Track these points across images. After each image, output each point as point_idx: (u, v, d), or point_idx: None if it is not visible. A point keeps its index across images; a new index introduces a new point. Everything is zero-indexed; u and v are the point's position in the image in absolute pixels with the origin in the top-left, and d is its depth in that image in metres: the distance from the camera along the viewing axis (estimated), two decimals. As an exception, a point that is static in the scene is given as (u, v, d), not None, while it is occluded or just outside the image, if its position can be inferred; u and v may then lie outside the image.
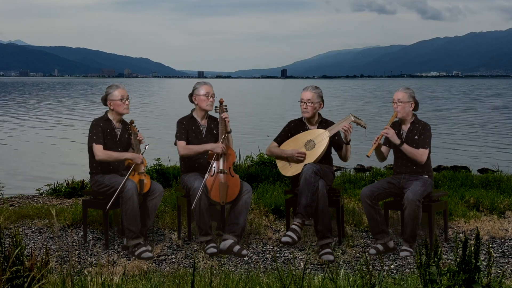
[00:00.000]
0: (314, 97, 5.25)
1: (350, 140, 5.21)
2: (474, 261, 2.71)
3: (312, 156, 5.16)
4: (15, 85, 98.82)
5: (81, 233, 5.50)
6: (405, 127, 5.20)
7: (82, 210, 5.37)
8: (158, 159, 7.78)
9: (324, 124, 5.35)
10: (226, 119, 5.30)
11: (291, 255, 4.96)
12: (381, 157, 5.28)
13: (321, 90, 5.34)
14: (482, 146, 15.02)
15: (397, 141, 5.07)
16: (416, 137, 5.12)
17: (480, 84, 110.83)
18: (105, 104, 5.27)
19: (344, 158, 5.31)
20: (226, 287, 3.64)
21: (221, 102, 5.39)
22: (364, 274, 2.73)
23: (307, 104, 5.24)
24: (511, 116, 25.93)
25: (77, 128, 19.72)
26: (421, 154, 5.05)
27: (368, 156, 5.09)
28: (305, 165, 5.07)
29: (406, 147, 5.05)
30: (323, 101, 5.34)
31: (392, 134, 5.07)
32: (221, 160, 5.21)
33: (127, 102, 5.22)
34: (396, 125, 5.24)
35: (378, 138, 5.11)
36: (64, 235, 5.58)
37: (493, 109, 30.93)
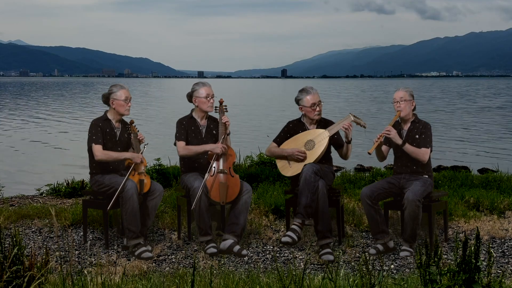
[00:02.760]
0: (319, 97, 5.33)
1: (351, 139, 5.22)
2: (474, 261, 2.71)
3: (312, 156, 5.16)
4: (11, 85, 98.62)
5: (81, 233, 5.50)
6: (406, 127, 5.20)
7: (82, 210, 5.37)
8: (158, 159, 7.78)
9: (323, 123, 5.35)
10: (226, 123, 5.30)
11: (291, 255, 4.96)
12: (381, 156, 5.28)
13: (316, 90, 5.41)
14: (482, 146, 15.02)
15: (399, 141, 5.06)
16: (417, 136, 5.11)
17: (479, 84, 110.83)
18: (106, 103, 5.26)
19: (344, 156, 5.32)
20: (226, 287, 3.64)
21: (221, 102, 5.39)
22: (364, 274, 2.73)
23: (319, 106, 5.28)
24: (511, 116, 25.94)
25: (76, 127, 19.72)
26: (423, 153, 5.04)
27: (369, 153, 5.07)
28: (305, 165, 5.07)
29: (408, 147, 5.05)
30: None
31: (394, 134, 5.07)
32: (221, 160, 5.21)
33: (129, 104, 5.22)
34: (396, 125, 5.24)
35: (380, 136, 5.10)
36: (64, 235, 5.58)
37: (493, 109, 30.93)
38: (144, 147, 5.29)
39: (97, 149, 5.05)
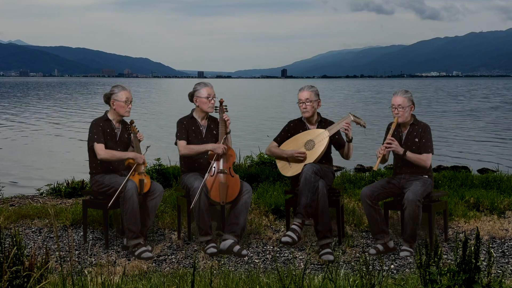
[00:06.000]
0: (312, 96, 5.26)
1: (352, 138, 5.21)
2: (474, 261, 2.71)
3: (312, 156, 5.16)
4: (7, 85, 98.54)
5: (81, 233, 5.50)
6: (404, 130, 5.17)
7: (82, 210, 5.37)
8: (158, 159, 7.78)
9: (324, 123, 5.35)
10: (228, 121, 5.30)
11: (291, 255, 4.96)
12: (383, 160, 5.25)
13: (317, 88, 5.35)
14: (482, 146, 15.02)
15: (400, 151, 5.01)
16: (416, 140, 5.08)
17: (478, 84, 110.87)
18: (107, 103, 5.25)
19: (346, 156, 5.31)
20: (226, 287, 3.64)
21: (221, 102, 5.39)
22: (364, 274, 2.73)
23: (306, 103, 5.25)
24: (511, 116, 25.94)
25: (75, 127, 19.73)
26: (425, 159, 5.01)
27: (375, 170, 5.07)
28: (305, 165, 5.07)
29: (410, 156, 5.00)
30: (319, 98, 5.35)
31: (395, 146, 5.01)
32: (221, 160, 5.21)
33: (130, 106, 5.21)
34: (395, 128, 5.20)
35: (382, 150, 5.05)
36: (64, 235, 5.58)
37: (493, 109, 30.93)
38: (146, 149, 5.29)
39: (100, 148, 5.05)
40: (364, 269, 2.75)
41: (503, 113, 28.23)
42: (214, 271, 4.40)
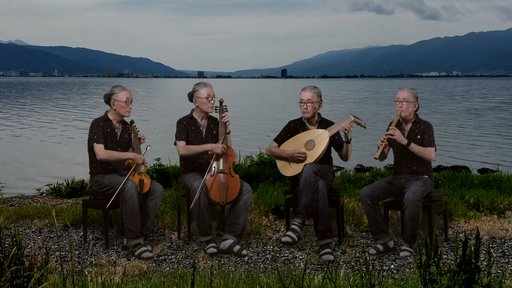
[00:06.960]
0: (314, 97, 5.25)
1: (351, 139, 5.21)
2: (474, 261, 2.71)
3: (312, 156, 5.16)
4: (4, 85, 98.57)
5: (81, 233, 5.50)
6: (407, 127, 5.18)
7: (82, 210, 5.37)
8: (158, 159, 7.78)
9: (324, 124, 5.35)
10: (227, 123, 5.30)
11: (291, 255, 4.96)
12: (382, 156, 5.26)
13: (320, 90, 5.35)
14: (482, 146, 15.01)
15: (404, 141, 5.02)
16: (419, 137, 5.09)
17: (477, 84, 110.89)
18: (107, 103, 5.25)
19: (344, 157, 5.30)
20: (226, 287, 3.64)
21: (221, 102, 5.39)
22: (364, 274, 2.74)
23: (307, 104, 5.24)
24: (511, 116, 25.94)
25: (77, 128, 19.73)
26: (429, 152, 5.02)
27: (376, 158, 5.08)
28: (305, 165, 5.07)
29: (413, 147, 5.01)
30: (321, 100, 5.35)
31: (398, 135, 5.02)
32: (221, 160, 5.21)
33: (130, 106, 5.21)
34: (398, 125, 5.21)
35: (384, 139, 5.07)
36: (64, 235, 5.58)
37: (492, 109, 30.93)
38: (146, 148, 5.29)
39: (100, 148, 5.05)
40: (364, 269, 2.75)
41: (503, 112, 28.23)
42: (214, 271, 4.40)
